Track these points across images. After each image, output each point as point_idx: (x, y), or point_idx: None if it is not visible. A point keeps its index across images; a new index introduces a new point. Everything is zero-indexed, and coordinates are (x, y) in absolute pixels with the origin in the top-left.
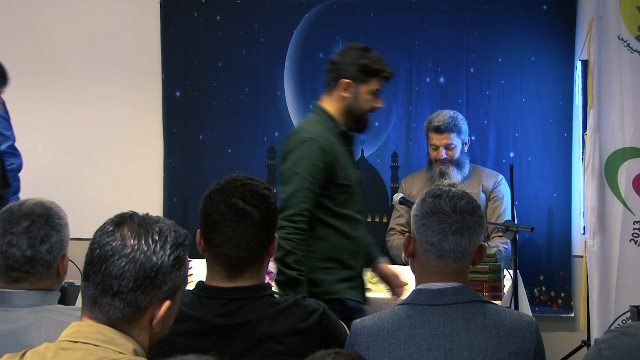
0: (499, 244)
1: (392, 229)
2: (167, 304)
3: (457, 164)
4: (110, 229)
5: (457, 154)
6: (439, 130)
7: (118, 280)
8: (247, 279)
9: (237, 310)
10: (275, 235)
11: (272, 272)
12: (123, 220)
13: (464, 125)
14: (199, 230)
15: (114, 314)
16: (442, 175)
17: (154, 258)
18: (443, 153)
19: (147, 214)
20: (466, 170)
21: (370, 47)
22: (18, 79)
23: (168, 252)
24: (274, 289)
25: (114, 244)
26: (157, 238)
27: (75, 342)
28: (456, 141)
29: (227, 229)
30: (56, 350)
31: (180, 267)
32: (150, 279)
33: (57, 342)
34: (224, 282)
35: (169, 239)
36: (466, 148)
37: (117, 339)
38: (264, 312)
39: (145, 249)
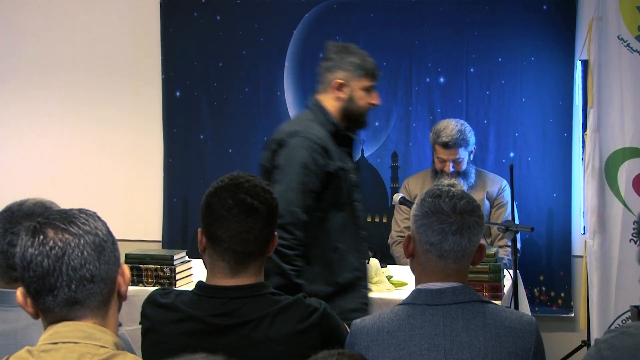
0: (504, 256)
1: (400, 233)
2: (125, 266)
3: (464, 175)
4: (41, 237)
5: (463, 166)
6: (446, 146)
7: (86, 268)
8: (250, 275)
9: (238, 309)
10: (275, 233)
11: None
12: (41, 226)
13: (471, 137)
14: (199, 229)
15: (97, 300)
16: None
17: (99, 232)
18: (451, 167)
19: (45, 214)
20: (472, 178)
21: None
22: (18, 79)
23: (100, 223)
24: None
25: (59, 244)
26: (85, 217)
27: (55, 343)
28: (463, 154)
29: (235, 224)
30: (38, 353)
31: (112, 234)
32: (106, 250)
33: (38, 346)
34: (227, 279)
35: (92, 213)
36: (472, 156)
37: (96, 333)
38: (265, 312)
39: (87, 229)
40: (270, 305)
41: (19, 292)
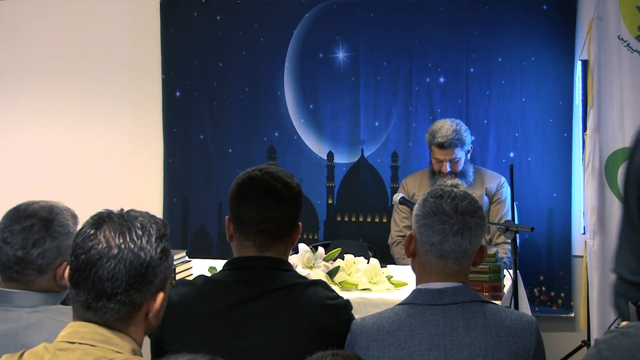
0: (503, 256)
1: (400, 233)
2: (160, 295)
3: (461, 174)
4: (92, 232)
5: (460, 166)
6: (442, 146)
7: (110, 283)
8: (276, 253)
9: (269, 278)
10: (300, 223)
11: None
12: (102, 221)
13: (467, 137)
14: (227, 217)
15: (111, 316)
16: None
17: (142, 254)
18: (447, 167)
19: (122, 209)
20: (470, 177)
21: None
22: (18, 78)
23: (154, 245)
24: None
25: (99, 247)
26: (140, 234)
27: (73, 342)
28: (460, 154)
29: (260, 202)
30: (54, 351)
31: (167, 258)
32: (141, 275)
33: (55, 343)
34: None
35: (152, 232)
36: (469, 155)
37: (114, 338)
38: (297, 281)
39: (132, 246)
40: (298, 278)
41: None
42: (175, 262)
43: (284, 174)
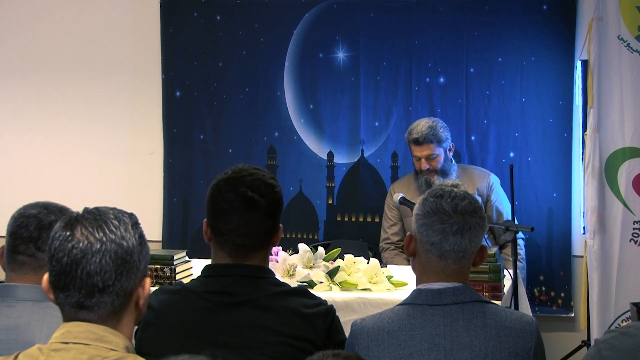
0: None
1: (387, 240)
2: (147, 281)
3: (442, 173)
4: (67, 233)
5: (439, 163)
6: (417, 142)
7: (100, 276)
8: (255, 262)
9: (243, 288)
10: (280, 225)
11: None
12: (74, 221)
13: (444, 134)
14: (205, 220)
15: (106, 310)
16: (428, 184)
17: (124, 243)
18: (425, 164)
19: (87, 207)
20: (453, 176)
21: None
22: (18, 78)
23: (132, 232)
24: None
25: (80, 246)
26: (117, 224)
27: (66, 343)
28: (437, 151)
29: (235, 217)
30: (48, 352)
31: (145, 244)
32: (128, 263)
33: (49, 344)
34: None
35: (126, 220)
36: (450, 154)
37: (108, 336)
38: (270, 292)
39: (113, 237)
40: (276, 286)
41: (45, 277)
42: (175, 262)
43: (262, 181)
